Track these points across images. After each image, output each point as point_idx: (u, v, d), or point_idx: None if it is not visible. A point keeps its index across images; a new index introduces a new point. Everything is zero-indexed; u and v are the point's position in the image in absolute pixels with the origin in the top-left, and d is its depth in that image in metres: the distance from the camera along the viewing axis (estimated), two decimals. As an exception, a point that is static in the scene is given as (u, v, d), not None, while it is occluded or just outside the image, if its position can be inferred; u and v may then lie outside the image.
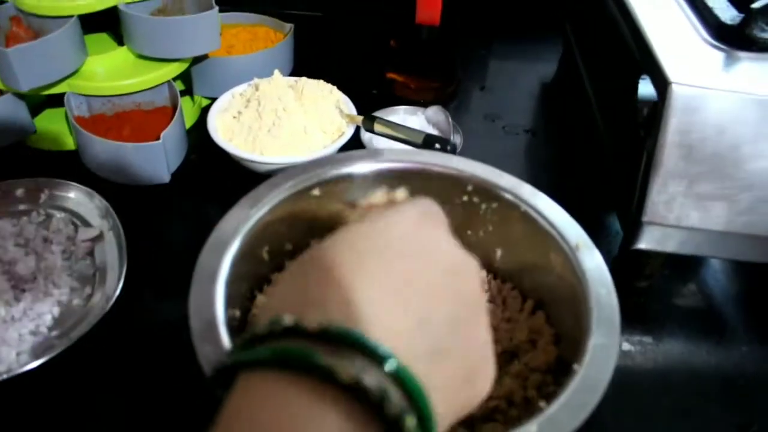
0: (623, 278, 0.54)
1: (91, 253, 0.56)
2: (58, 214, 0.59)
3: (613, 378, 0.48)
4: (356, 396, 0.21)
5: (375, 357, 0.23)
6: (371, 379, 0.22)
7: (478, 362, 0.28)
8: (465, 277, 0.28)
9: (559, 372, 0.41)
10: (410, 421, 0.22)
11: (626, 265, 0.54)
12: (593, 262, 0.41)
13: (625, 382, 0.48)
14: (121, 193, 0.61)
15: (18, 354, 0.48)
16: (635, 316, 0.54)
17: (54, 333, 0.50)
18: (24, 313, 0.50)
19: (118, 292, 0.51)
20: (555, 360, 0.42)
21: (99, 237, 0.56)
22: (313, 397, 0.21)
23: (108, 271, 0.54)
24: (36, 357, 0.46)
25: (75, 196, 0.60)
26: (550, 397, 0.34)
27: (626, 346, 0.51)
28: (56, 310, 0.51)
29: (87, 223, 0.58)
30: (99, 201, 0.58)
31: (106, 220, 0.57)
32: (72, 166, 0.62)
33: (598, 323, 0.37)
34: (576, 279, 0.41)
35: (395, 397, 0.22)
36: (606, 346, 0.36)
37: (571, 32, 0.79)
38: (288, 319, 0.24)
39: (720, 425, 0.47)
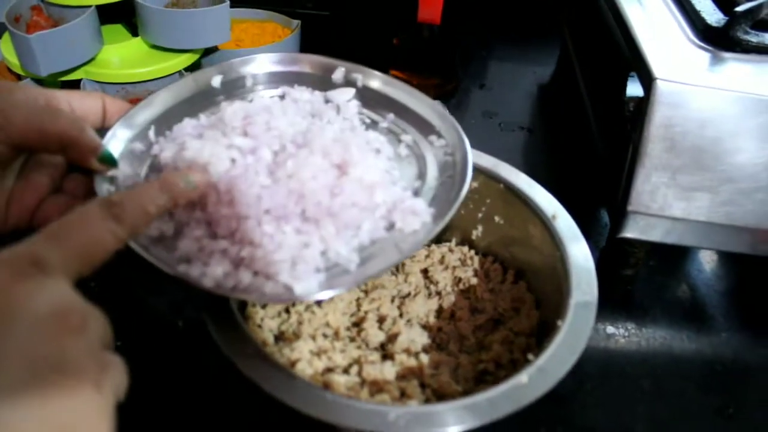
0: (610, 266, 0.57)
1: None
2: None
3: (596, 360, 0.51)
4: None
5: None
6: None
7: None
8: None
9: (542, 334, 0.44)
10: None
11: (613, 253, 0.56)
12: (570, 231, 0.44)
13: (607, 364, 0.51)
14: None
15: None
16: (621, 302, 0.56)
17: None
18: None
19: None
20: (537, 324, 0.45)
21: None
22: None
23: None
24: None
25: None
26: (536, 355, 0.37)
27: (610, 330, 0.54)
28: None
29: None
30: None
31: None
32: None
33: (577, 284, 0.40)
34: (554, 247, 0.44)
35: None
36: (586, 303, 0.39)
37: (569, 36, 0.82)
38: None
39: (698, 407, 0.49)
